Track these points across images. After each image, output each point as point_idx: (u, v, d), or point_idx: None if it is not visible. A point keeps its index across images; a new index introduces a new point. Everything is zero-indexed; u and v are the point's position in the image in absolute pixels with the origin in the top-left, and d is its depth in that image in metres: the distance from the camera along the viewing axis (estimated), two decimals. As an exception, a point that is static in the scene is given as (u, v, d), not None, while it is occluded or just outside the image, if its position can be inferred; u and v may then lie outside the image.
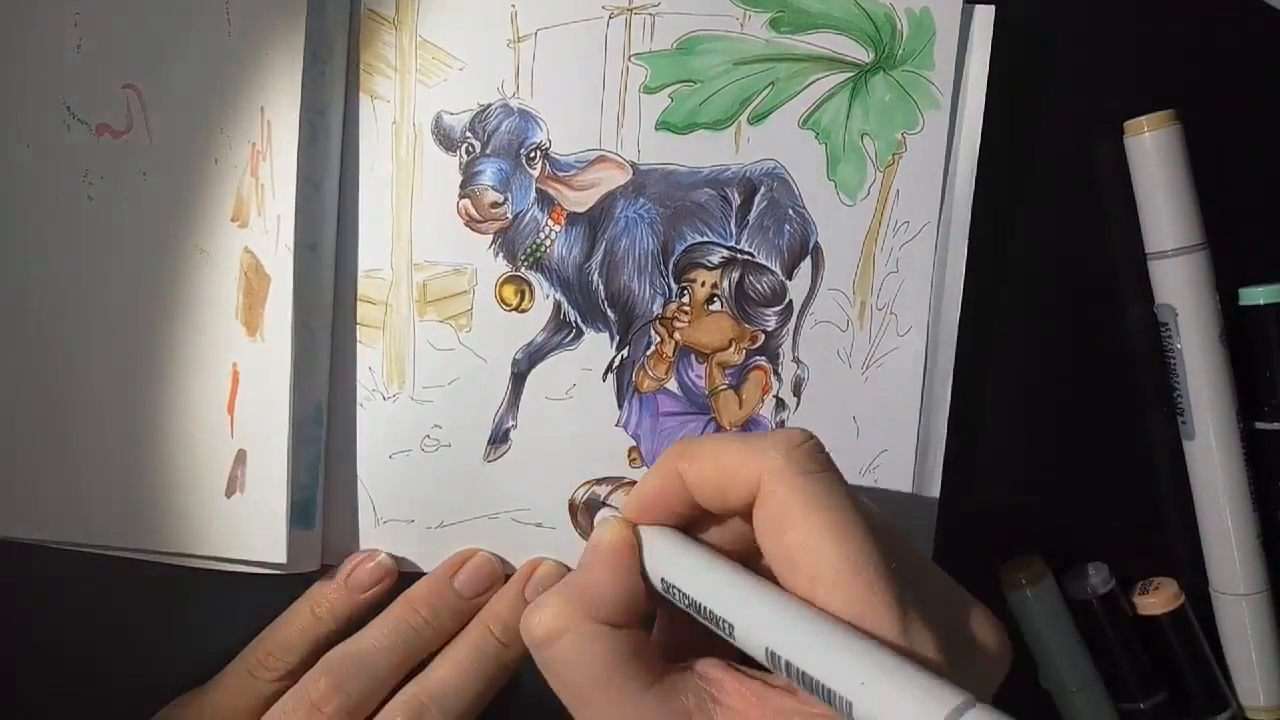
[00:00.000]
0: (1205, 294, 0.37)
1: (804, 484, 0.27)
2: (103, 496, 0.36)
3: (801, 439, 0.29)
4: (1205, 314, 0.37)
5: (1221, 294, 0.38)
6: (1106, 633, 0.39)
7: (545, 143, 0.37)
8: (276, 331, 0.35)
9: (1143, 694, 0.40)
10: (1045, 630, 0.39)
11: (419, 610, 0.36)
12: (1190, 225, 0.37)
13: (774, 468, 0.28)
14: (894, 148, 0.37)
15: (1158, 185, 0.38)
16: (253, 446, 0.35)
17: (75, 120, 0.36)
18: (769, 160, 0.37)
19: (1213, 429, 0.38)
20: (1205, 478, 0.39)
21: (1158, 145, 0.38)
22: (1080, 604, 0.40)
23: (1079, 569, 0.40)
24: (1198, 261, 0.37)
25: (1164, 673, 0.40)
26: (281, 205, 0.35)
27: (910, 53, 0.37)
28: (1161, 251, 0.38)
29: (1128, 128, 0.38)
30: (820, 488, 0.27)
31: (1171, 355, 0.38)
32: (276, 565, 0.36)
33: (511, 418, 0.37)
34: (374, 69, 0.36)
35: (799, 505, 0.27)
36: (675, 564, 0.30)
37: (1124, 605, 0.40)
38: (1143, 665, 0.40)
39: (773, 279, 0.37)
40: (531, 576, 0.37)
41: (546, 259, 0.37)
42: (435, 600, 0.36)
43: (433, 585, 0.37)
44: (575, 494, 0.38)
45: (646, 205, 0.37)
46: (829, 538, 0.26)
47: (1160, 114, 0.38)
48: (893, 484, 0.38)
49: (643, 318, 0.38)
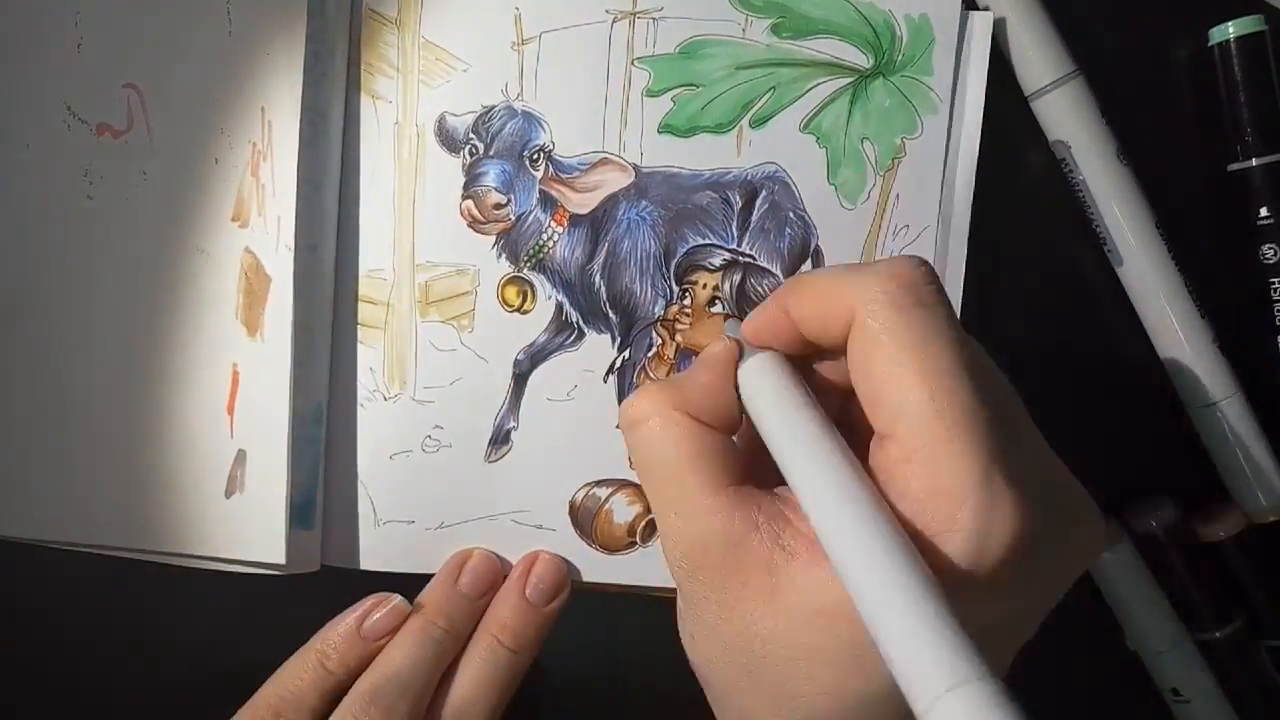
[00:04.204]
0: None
1: (896, 319, 0.26)
2: (102, 496, 0.36)
3: (906, 269, 0.26)
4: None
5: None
6: (1176, 567, 0.40)
7: (548, 145, 0.37)
8: (277, 332, 0.35)
9: (1217, 623, 0.40)
10: (1128, 591, 0.39)
11: (437, 622, 0.35)
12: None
13: (868, 300, 0.26)
14: (894, 152, 0.37)
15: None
16: (252, 447, 0.35)
17: (76, 120, 0.36)
18: (770, 164, 0.37)
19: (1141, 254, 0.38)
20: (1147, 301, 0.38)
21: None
22: (1144, 538, 0.40)
23: (1140, 504, 0.40)
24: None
25: (1236, 599, 0.40)
26: (282, 205, 0.35)
27: (909, 58, 0.37)
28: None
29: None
30: (916, 322, 0.26)
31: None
32: (276, 566, 0.35)
33: (513, 419, 0.37)
34: (376, 70, 0.36)
35: (889, 341, 0.25)
36: (758, 394, 0.28)
37: (1189, 536, 0.40)
38: (1215, 594, 0.40)
39: (774, 282, 0.38)
40: (530, 574, 0.37)
41: (549, 260, 0.37)
42: (448, 607, 0.36)
43: (442, 592, 0.36)
44: (576, 495, 0.38)
45: (649, 207, 0.37)
46: (913, 376, 0.25)
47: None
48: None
49: (644, 320, 0.38)
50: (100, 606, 0.38)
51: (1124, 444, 0.41)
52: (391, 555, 0.38)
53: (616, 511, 0.38)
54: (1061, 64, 0.37)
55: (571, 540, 0.38)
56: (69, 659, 0.39)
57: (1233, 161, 0.38)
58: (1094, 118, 0.37)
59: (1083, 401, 0.40)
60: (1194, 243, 0.38)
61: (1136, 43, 0.39)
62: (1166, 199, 0.38)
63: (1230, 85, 0.38)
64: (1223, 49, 0.38)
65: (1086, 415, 0.40)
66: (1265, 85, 0.37)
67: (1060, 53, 0.37)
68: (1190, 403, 0.39)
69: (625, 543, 0.38)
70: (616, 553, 0.38)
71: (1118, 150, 0.37)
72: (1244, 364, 0.39)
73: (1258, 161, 0.37)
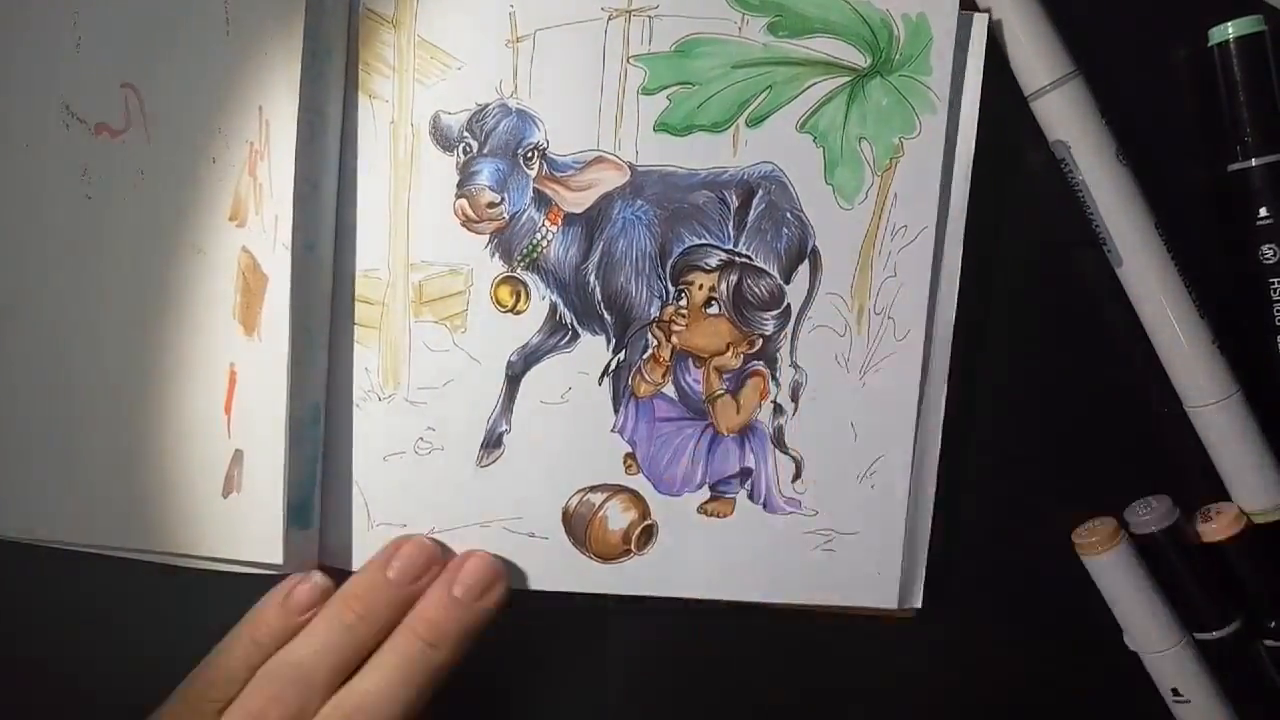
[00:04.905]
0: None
1: None
2: (99, 496, 0.36)
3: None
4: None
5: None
6: (1175, 565, 0.39)
7: (543, 143, 0.37)
8: (274, 331, 0.35)
9: (1217, 623, 0.40)
10: (1128, 591, 0.39)
11: (352, 607, 0.35)
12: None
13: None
14: (891, 152, 0.37)
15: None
16: (250, 446, 0.35)
17: (74, 119, 0.36)
18: (767, 163, 0.37)
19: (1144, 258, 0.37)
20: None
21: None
22: (1144, 538, 0.39)
23: (1139, 504, 0.40)
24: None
25: (1236, 598, 0.40)
26: (279, 205, 0.35)
27: (907, 58, 0.37)
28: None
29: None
30: None
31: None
32: (273, 566, 0.36)
33: (505, 421, 0.37)
34: (372, 68, 0.36)
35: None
36: None
37: (1188, 535, 0.40)
38: (1215, 594, 0.40)
39: (771, 282, 0.37)
40: (461, 570, 0.36)
41: (543, 260, 0.37)
42: (368, 595, 0.35)
43: (366, 578, 0.36)
44: (569, 502, 0.38)
45: (644, 206, 0.37)
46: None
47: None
48: (889, 489, 0.38)
49: (639, 320, 0.37)
50: (98, 606, 0.39)
51: (1124, 444, 0.40)
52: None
53: (611, 518, 0.38)
54: (1061, 64, 0.37)
55: (565, 548, 0.38)
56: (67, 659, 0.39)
57: (1232, 161, 0.38)
58: (1093, 118, 0.37)
59: (1082, 402, 0.40)
60: (1194, 243, 0.38)
61: (1136, 43, 0.39)
62: (1166, 199, 0.38)
63: (1230, 85, 0.37)
64: (1222, 49, 0.37)
65: (1086, 415, 0.40)
66: (1265, 85, 0.37)
67: (1059, 53, 0.37)
68: (1190, 403, 0.39)
69: (620, 551, 0.38)
70: (611, 561, 0.38)
71: (1117, 150, 0.37)
72: (1244, 364, 0.38)
73: (1257, 161, 0.37)
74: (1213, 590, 0.40)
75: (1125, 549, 0.39)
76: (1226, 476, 0.39)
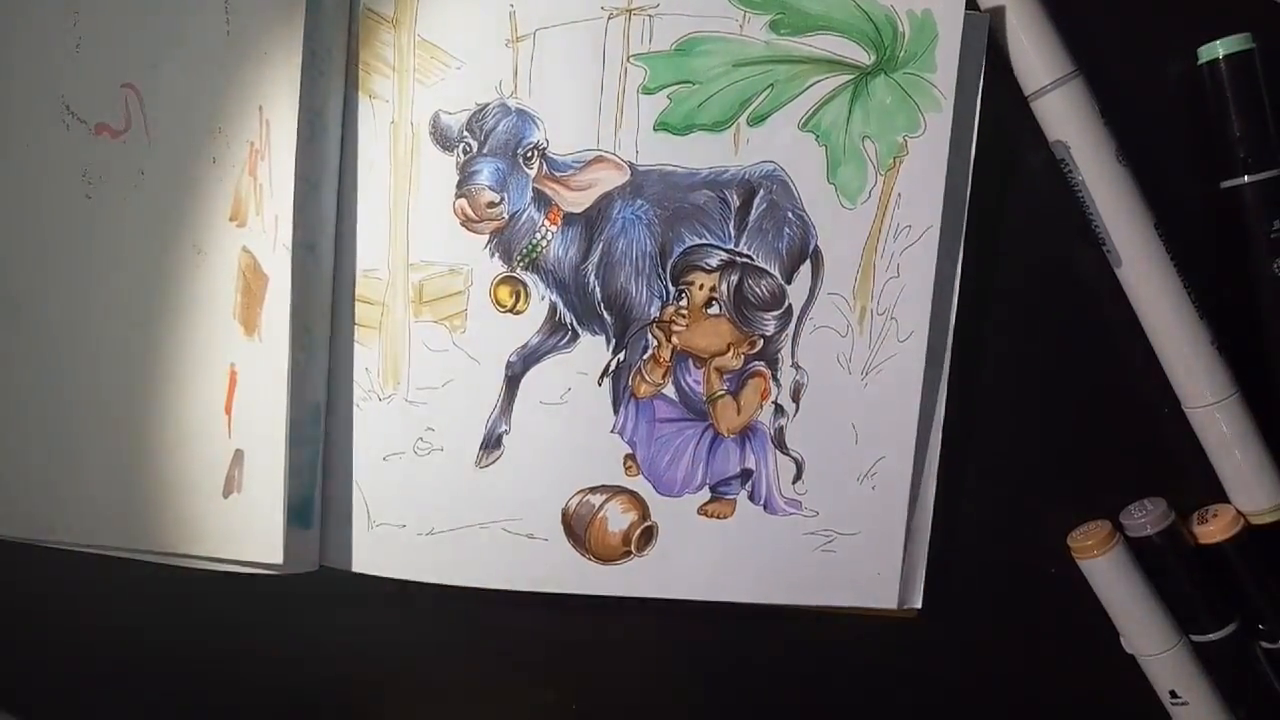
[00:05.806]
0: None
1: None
2: (100, 497, 0.36)
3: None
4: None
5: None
6: (1171, 567, 0.39)
7: (543, 142, 0.37)
8: (274, 331, 0.35)
9: (1214, 625, 0.40)
10: (1125, 594, 0.39)
11: None
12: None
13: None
14: (895, 151, 0.37)
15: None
16: (250, 446, 0.36)
17: (74, 119, 0.36)
18: (768, 162, 0.37)
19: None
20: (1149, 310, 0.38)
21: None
22: (1140, 541, 0.39)
23: (1137, 505, 0.40)
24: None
25: (1233, 600, 0.40)
26: (280, 205, 0.35)
27: (912, 55, 0.36)
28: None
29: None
30: None
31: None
32: (273, 566, 0.36)
33: (504, 422, 0.37)
34: (372, 68, 0.36)
35: None
36: None
37: (1185, 537, 0.40)
38: (1212, 596, 0.40)
39: (772, 282, 0.37)
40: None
41: (543, 260, 0.37)
42: None
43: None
44: (569, 503, 0.38)
45: (644, 206, 0.37)
46: None
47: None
48: (890, 490, 0.38)
49: (640, 321, 0.37)
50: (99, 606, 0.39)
51: (1122, 444, 0.40)
52: (382, 559, 0.38)
53: (611, 519, 0.38)
54: (1061, 64, 0.36)
55: (564, 550, 0.38)
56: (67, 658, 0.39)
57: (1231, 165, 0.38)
58: (1093, 118, 0.37)
59: (1081, 402, 0.40)
60: (1193, 243, 0.38)
61: (1137, 43, 0.38)
62: (1166, 199, 0.37)
63: (1220, 102, 0.37)
64: (1212, 67, 0.37)
65: (1085, 415, 0.40)
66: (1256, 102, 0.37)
67: (1060, 53, 0.36)
68: (1188, 403, 0.39)
69: (620, 552, 0.38)
70: (611, 562, 0.38)
71: (1117, 151, 0.37)
72: (1243, 364, 0.38)
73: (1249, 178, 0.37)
74: (1210, 592, 0.40)
75: (1120, 552, 0.39)
76: (1224, 478, 0.39)
